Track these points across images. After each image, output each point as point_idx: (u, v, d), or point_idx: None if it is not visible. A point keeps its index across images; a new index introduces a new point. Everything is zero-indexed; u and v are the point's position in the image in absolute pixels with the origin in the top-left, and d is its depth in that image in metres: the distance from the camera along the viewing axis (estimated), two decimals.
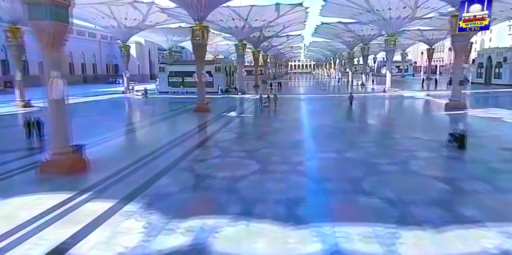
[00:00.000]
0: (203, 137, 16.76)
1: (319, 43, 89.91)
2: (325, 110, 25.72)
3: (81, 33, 74.05)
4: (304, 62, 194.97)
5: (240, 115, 23.43)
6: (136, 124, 21.44)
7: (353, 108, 25.82)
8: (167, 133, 18.07)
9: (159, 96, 42.97)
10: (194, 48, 25.47)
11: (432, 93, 37.41)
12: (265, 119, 21.79)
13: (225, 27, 40.87)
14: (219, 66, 46.03)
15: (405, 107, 28.70)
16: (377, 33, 52.94)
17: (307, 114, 23.71)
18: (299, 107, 27.86)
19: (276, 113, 23.87)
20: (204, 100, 25.95)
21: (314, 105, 28.89)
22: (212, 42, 74.12)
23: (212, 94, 41.89)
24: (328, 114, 23.51)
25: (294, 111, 25.19)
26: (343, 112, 24.90)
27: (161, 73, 48.26)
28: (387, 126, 19.05)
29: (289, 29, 55.01)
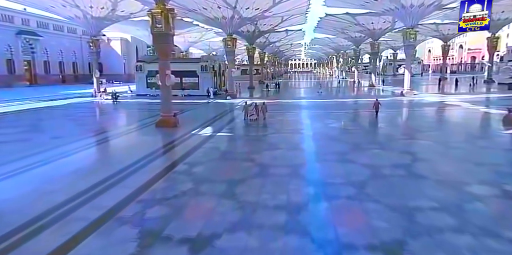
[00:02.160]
0: (127, 190, 9.55)
1: (321, 40, 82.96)
2: (337, 128, 17.95)
3: (59, 28, 67.10)
4: (305, 60, 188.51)
5: (215, 134, 16.52)
6: (57, 149, 14.34)
7: (382, 125, 18.64)
8: (82, 171, 11.19)
9: (133, 100, 36.07)
10: (154, 39, 18.58)
11: (463, 98, 30.47)
12: (247, 145, 14.66)
13: (211, 18, 33.95)
14: (205, 65, 39.13)
15: (458, 122, 20.50)
16: (390, 26, 46.10)
17: (311, 135, 16.26)
18: (299, 121, 20.80)
19: (265, 132, 16.95)
20: (169, 112, 19.08)
21: (320, 118, 21.84)
22: (204, 38, 67.40)
23: (198, 98, 35.19)
24: (346, 136, 15.61)
25: (292, 128, 18.05)
26: (370, 132, 17.03)
27: (138, 73, 41.36)
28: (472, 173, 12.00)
29: (288, 22, 48.16)
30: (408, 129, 16.92)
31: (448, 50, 63.08)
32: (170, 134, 17.10)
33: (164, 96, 19.45)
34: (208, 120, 20.69)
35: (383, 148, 13.05)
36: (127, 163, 11.10)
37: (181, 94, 39.26)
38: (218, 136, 16.24)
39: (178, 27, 51.88)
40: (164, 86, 19.10)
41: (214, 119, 21.46)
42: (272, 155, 12.31)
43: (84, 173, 10.38)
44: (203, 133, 17.02)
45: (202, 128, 18.24)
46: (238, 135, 16.54)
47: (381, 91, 43.43)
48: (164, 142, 14.73)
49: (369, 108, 24.03)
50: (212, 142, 14.82)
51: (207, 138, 15.70)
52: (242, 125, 19.02)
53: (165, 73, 18.78)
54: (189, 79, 40.19)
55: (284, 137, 15.65)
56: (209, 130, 17.89)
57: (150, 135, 17.01)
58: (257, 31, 48.21)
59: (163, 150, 13.39)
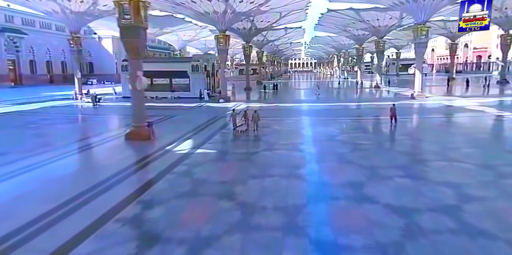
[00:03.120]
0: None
1: (322, 39, 79.74)
2: (346, 142, 14.28)
3: (46, 26, 63.81)
4: (305, 60, 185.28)
5: (193, 152, 13.26)
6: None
7: (402, 138, 15.26)
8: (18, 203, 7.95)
9: (116, 104, 32.79)
10: (122, 33, 15.18)
11: (483, 101, 27.18)
12: (230, 169, 11.04)
13: (201, 13, 30.63)
14: (197, 64, 35.83)
15: (493, 134, 16.88)
16: (397, 23, 42.80)
17: (313, 153, 12.76)
18: (298, 131, 17.32)
19: (256, 148, 13.63)
20: (142, 121, 15.80)
21: (324, 127, 18.45)
22: (200, 36, 64.10)
23: (189, 101, 31.97)
24: (358, 155, 12.03)
25: (289, 142, 14.59)
26: (389, 149, 13.36)
27: (124, 73, 37.95)
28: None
29: (287, 19, 44.86)
30: (436, 145, 13.56)
31: (456, 49, 59.82)
32: (138, 150, 13.85)
33: (135, 103, 16.17)
34: (191, 131, 17.40)
35: (410, 175, 9.78)
36: (49, 206, 7.77)
37: (170, 97, 36.08)
38: (196, 153, 12.96)
39: (170, 24, 48.72)
40: (135, 90, 15.79)
41: (198, 129, 18.16)
42: (260, 186, 9.06)
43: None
44: (180, 149, 13.76)
45: (180, 142, 14.99)
46: (222, 152, 13.23)
47: (387, 93, 40.14)
48: (125, 164, 11.43)
49: (381, 115, 20.91)
50: (186, 163, 11.54)
51: (182, 157, 12.43)
52: (229, 138, 15.74)
53: (136, 74, 15.49)
54: (179, 81, 36.97)
55: (278, 155, 12.37)
56: (188, 144, 14.63)
57: (112, 152, 13.78)
58: (254, 28, 44.91)
59: (116, 178, 10.08)
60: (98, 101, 32.86)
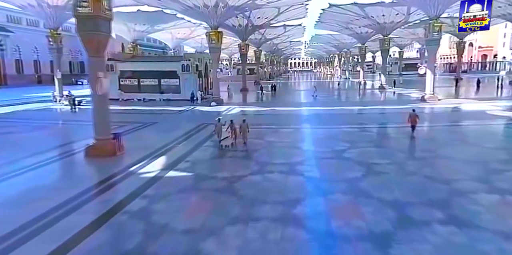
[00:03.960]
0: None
1: (322, 38, 76.85)
2: (358, 161, 11.20)
3: (34, 23, 60.84)
4: (305, 60, 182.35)
5: (163, 176, 10.37)
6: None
7: (429, 156, 12.03)
8: None
9: None
10: (78, 25, 12.16)
11: (504, 105, 24.30)
12: (204, 206, 7.84)
13: (190, 6, 27.71)
14: (187, 64, 32.92)
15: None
16: (403, 19, 39.88)
17: (317, 179, 9.78)
18: (296, 145, 14.04)
19: (243, 171, 10.58)
20: (106, 133, 12.89)
21: (328, 139, 15.43)
22: (195, 34, 61.13)
23: (178, 104, 29.18)
24: (376, 182, 9.24)
25: (285, 162, 11.52)
26: (415, 173, 10.03)
27: (109, 73, 35.05)
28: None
29: (286, 15, 42.01)
30: (475, 165, 10.60)
31: (463, 48, 56.95)
32: (93, 172, 11.02)
33: (97, 111, 13.20)
34: (169, 143, 14.50)
35: (455, 220, 6.89)
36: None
37: (159, 99, 33.24)
38: (165, 178, 10.07)
39: (160, 20, 45.74)
40: (96, 95, 12.87)
41: (178, 140, 15.27)
42: (242, 241, 6.18)
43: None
44: (147, 170, 10.88)
45: (151, 159, 12.11)
46: (198, 176, 10.31)
47: (393, 95, 37.25)
48: (61, 198, 8.48)
49: (394, 122, 18.05)
50: (148, 195, 8.66)
51: (146, 184, 9.56)
52: (212, 155, 12.81)
53: (97, 76, 12.57)
54: (169, 81, 34.07)
55: (270, 183, 9.48)
56: (159, 163, 11.74)
57: (56, 177, 10.92)
58: (250, 25, 42.02)
59: (35, 226, 7.16)
60: (79, 104, 30.03)
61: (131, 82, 34.87)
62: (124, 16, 40.27)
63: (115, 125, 19.00)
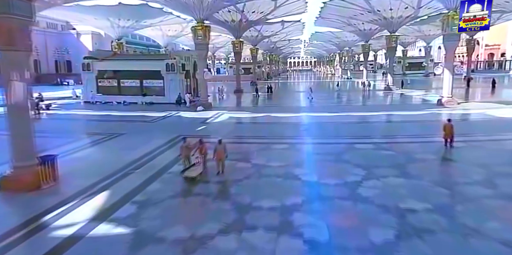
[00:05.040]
0: None
1: (322, 35, 73.10)
2: (381, 206, 7.51)
3: None
4: (304, 59, 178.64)
5: (88, 233, 6.74)
6: None
7: (491, 200, 7.95)
8: None
9: (70, 112, 26.07)
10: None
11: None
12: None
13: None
14: (172, 63, 29.22)
15: None
16: (413, 14, 36.22)
17: (323, 242, 6.05)
18: (292, 173, 10.05)
19: (212, 229, 6.76)
20: (29, 159, 9.20)
21: (334, 163, 11.11)
22: (187, 31, 57.25)
23: (161, 108, 25.71)
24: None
25: (276, 205, 7.64)
26: (485, 237, 6.12)
27: (85, 73, 31.43)
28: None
29: (284, 10, 38.37)
30: None
31: (473, 46, 53.21)
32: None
33: (14, 127, 9.44)
34: (121, 169, 10.83)
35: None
36: None
37: (141, 102, 29.55)
38: (87, 239, 6.43)
39: (146, 15, 41.75)
40: (11, 105, 9.17)
41: (136, 164, 11.57)
42: None
43: None
44: (68, 222, 7.22)
45: (86, 197, 8.49)
46: (139, 236, 6.64)
47: (402, 97, 33.62)
48: None
49: (415, 134, 14.46)
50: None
51: (54, 250, 5.93)
52: (173, 191, 9.08)
53: (11, 78, 8.87)
54: (152, 83, 30.39)
55: (252, 253, 5.85)
56: (94, 205, 8.09)
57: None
58: (245, 20, 38.29)
59: None
60: (47, 109, 26.41)
61: (110, 83, 31.19)
62: (105, 10, 36.59)
63: (70, 138, 15.45)
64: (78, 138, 15.95)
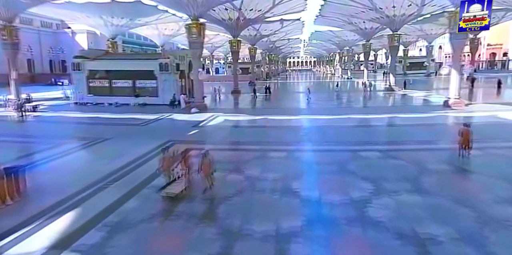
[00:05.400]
0: None
1: (322, 34, 71.89)
2: (396, 228, 6.37)
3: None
4: (304, 58, 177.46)
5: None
6: None
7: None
8: None
9: (57, 114, 24.78)
10: None
11: None
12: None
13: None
14: (166, 62, 27.98)
15: None
16: (416, 11, 35.00)
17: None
18: (290, 188, 8.75)
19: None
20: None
21: (336, 176, 9.66)
22: (184, 30, 56.04)
23: (153, 111, 24.45)
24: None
25: (272, 231, 6.41)
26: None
27: (75, 73, 30.20)
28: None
29: (283, 8, 37.17)
30: None
31: (477, 46, 52.11)
32: None
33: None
34: (98, 182, 9.59)
35: None
36: None
37: (133, 104, 28.35)
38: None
39: (141, 13, 40.30)
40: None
41: (116, 175, 10.33)
42: None
43: None
44: (22, 252, 6.01)
45: (52, 217, 7.27)
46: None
47: (405, 97, 32.42)
48: None
49: (425, 140, 13.26)
50: None
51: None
52: (151, 211, 7.80)
53: None
54: (145, 83, 29.15)
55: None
56: (57, 228, 6.86)
57: None
58: (242, 19, 37.05)
59: None
60: (33, 111, 25.17)
61: (102, 83, 29.92)
62: (97, 7, 35.31)
63: (49, 144, 14.21)
64: (58, 143, 14.69)
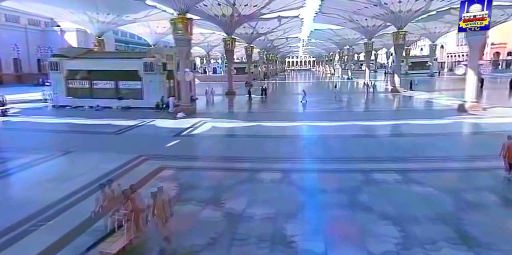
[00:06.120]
0: None
1: (322, 33, 69.45)
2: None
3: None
4: (303, 58, 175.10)
5: None
6: None
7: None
8: None
9: (29, 119, 22.16)
10: None
11: None
12: None
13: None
14: (151, 62, 25.43)
15: None
16: (424, 7, 32.53)
17: None
18: (287, 238, 6.10)
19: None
20: None
21: (351, 214, 7.08)
22: None
23: (137, 115, 21.92)
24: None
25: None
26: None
27: (53, 73, 27.60)
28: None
29: (280, 4, 34.72)
30: None
31: (485, 44, 49.61)
32: None
33: None
34: (26, 219, 7.06)
35: None
36: None
37: (116, 107, 25.86)
38: None
39: (129, 9, 37.82)
40: None
41: (55, 208, 7.80)
42: None
43: None
44: None
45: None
46: None
47: (412, 100, 29.94)
48: None
49: (449, 154, 10.80)
50: None
51: None
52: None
53: None
54: (128, 84, 26.61)
55: None
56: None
57: None
58: (236, 15, 34.52)
59: None
60: (3, 115, 22.66)
61: (82, 84, 27.35)
62: (80, 2, 32.70)
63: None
64: (7, 158, 12.17)
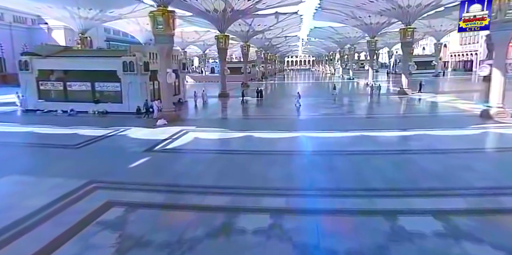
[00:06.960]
0: None
1: (322, 31, 66.52)
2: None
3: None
4: (302, 58, 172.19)
5: None
6: None
7: None
8: None
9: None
10: None
11: None
12: None
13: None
14: (131, 61, 22.52)
15: None
16: (434, 2, 29.66)
17: None
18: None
19: None
20: None
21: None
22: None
23: (115, 122, 19.11)
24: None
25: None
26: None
27: (23, 73, 24.65)
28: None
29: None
30: None
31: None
32: None
33: None
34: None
35: None
36: None
37: (92, 112, 22.97)
38: None
39: (112, 4, 34.73)
40: None
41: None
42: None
43: None
44: None
45: None
46: None
47: (426, 104, 27.07)
48: None
49: (491, 182, 7.90)
50: None
51: None
52: None
53: None
54: (106, 86, 23.73)
55: None
56: None
57: None
58: (230, 11, 31.62)
59: None
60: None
61: (55, 86, 24.46)
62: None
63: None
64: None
